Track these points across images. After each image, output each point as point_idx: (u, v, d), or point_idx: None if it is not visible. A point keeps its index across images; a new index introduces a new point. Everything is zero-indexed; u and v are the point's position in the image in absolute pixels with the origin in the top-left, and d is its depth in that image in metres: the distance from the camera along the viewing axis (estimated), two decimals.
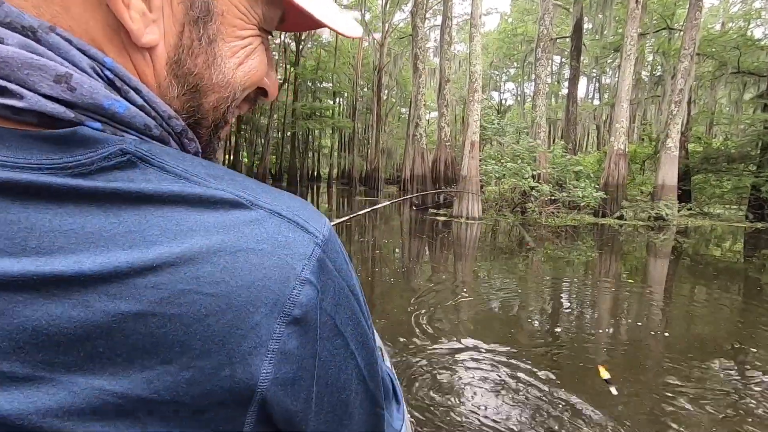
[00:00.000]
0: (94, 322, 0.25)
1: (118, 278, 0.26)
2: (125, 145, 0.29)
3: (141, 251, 0.27)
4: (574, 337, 3.65)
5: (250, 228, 0.30)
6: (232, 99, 0.39)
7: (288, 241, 0.31)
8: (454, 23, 21.20)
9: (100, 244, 0.27)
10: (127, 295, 0.26)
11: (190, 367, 0.27)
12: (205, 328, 0.27)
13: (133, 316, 0.26)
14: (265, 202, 0.32)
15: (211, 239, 0.28)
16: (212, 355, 0.27)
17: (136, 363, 0.26)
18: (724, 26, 21.40)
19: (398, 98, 40.36)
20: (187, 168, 0.31)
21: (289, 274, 0.30)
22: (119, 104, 0.30)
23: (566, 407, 2.48)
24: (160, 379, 0.26)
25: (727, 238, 11.35)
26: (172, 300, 0.27)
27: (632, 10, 13.71)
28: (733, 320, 4.30)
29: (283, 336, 0.29)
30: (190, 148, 0.37)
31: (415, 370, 2.88)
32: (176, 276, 0.27)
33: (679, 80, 13.85)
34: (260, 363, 0.28)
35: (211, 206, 0.30)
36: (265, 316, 0.29)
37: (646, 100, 21.98)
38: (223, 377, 0.28)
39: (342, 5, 31.79)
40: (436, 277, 5.71)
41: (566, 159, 14.39)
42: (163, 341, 0.26)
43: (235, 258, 0.28)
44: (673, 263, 7.43)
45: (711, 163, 16.61)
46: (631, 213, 13.52)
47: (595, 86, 38.24)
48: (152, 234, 0.28)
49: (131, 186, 0.28)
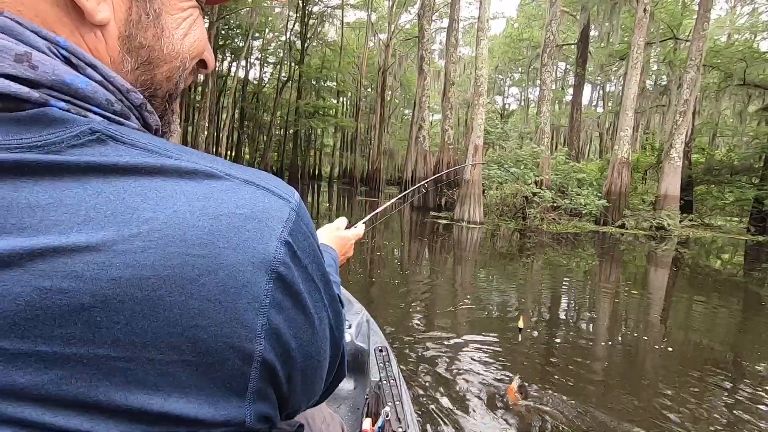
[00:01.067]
0: (88, 292, 0.26)
1: (106, 246, 0.27)
2: (93, 124, 0.30)
3: (125, 218, 0.28)
4: (570, 353, 3.61)
5: (228, 195, 0.31)
6: (183, 68, 0.40)
7: (266, 206, 0.33)
8: (460, 26, 21.13)
9: (82, 215, 0.27)
10: (118, 263, 0.26)
11: (192, 327, 0.28)
12: (200, 288, 0.28)
13: (127, 281, 0.26)
14: (237, 173, 0.33)
15: (193, 205, 0.30)
16: (210, 313, 0.28)
17: (137, 328, 0.26)
18: (731, 38, 21.36)
19: (402, 99, 40.33)
20: (158, 144, 0.32)
21: (272, 235, 0.32)
22: (81, 80, 0.31)
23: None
24: (165, 341, 0.27)
25: (728, 250, 11.32)
26: (164, 262, 0.27)
27: (640, 18, 13.68)
28: (734, 333, 4.25)
29: (272, 291, 0.31)
30: (150, 121, 0.38)
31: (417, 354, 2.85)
32: (164, 240, 0.28)
33: (685, 90, 13.82)
34: (256, 317, 0.30)
35: (187, 176, 0.31)
36: (255, 274, 0.30)
37: (650, 109, 21.94)
38: (225, 334, 0.29)
39: (348, 5, 31.78)
40: (436, 280, 5.66)
41: (569, 166, 14.36)
42: (160, 304, 0.27)
43: (219, 221, 0.30)
44: (674, 274, 7.39)
45: (714, 174, 16.58)
46: (633, 222, 13.48)
47: (598, 94, 38.22)
48: (134, 202, 0.28)
49: (105, 159, 0.29)
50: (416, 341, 3.48)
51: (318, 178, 42.80)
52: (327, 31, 35.05)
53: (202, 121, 21.83)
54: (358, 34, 35.39)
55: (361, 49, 32.63)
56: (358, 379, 1.68)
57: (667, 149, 14.27)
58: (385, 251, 7.75)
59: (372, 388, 1.42)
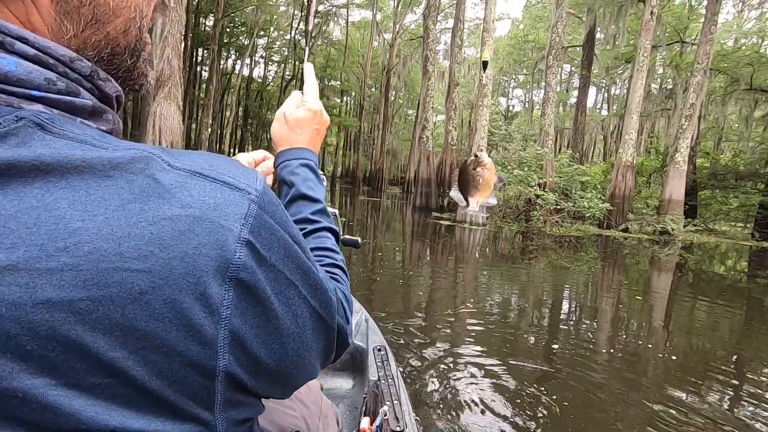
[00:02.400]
0: (12, 318, 0.22)
1: (29, 264, 0.23)
2: (21, 112, 0.26)
3: (49, 229, 0.24)
4: (570, 357, 3.56)
5: (172, 192, 0.27)
6: (141, 17, 0.35)
7: (218, 202, 0.28)
8: (465, 27, 21.11)
9: (1, 226, 0.23)
10: (44, 283, 0.23)
11: (140, 349, 0.25)
12: (144, 307, 0.24)
13: (56, 305, 0.23)
14: (182, 163, 0.29)
15: (128, 209, 0.25)
16: (160, 333, 0.25)
17: (75, 354, 0.23)
18: (738, 42, 21.25)
19: (405, 100, 40.31)
20: (93, 135, 0.28)
21: (227, 237, 0.28)
22: (7, 61, 0.26)
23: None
24: (110, 366, 0.24)
25: (732, 256, 11.23)
26: (98, 281, 0.24)
27: (646, 21, 13.61)
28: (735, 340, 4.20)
29: (233, 300, 0.28)
30: (108, 89, 0.33)
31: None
32: (96, 255, 0.24)
33: (691, 94, 13.74)
34: (216, 332, 0.27)
35: (123, 170, 0.27)
36: (209, 285, 0.27)
37: (655, 112, 21.86)
38: (179, 353, 0.26)
39: (354, 4, 31.79)
40: (437, 281, 5.62)
41: (573, 168, 14.30)
42: (98, 327, 0.23)
43: (160, 228, 0.26)
44: (678, 279, 7.33)
45: (718, 179, 16.48)
46: (637, 226, 13.41)
47: (603, 96, 38.11)
48: (60, 207, 0.24)
49: (27, 154, 0.25)
50: (416, 341, 3.45)
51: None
52: (332, 30, 35.11)
53: (205, 118, 21.90)
54: (362, 34, 35.37)
55: (365, 49, 32.61)
56: (356, 378, 1.66)
57: (672, 153, 14.19)
58: (386, 252, 7.72)
59: (370, 387, 1.39)
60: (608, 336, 4.05)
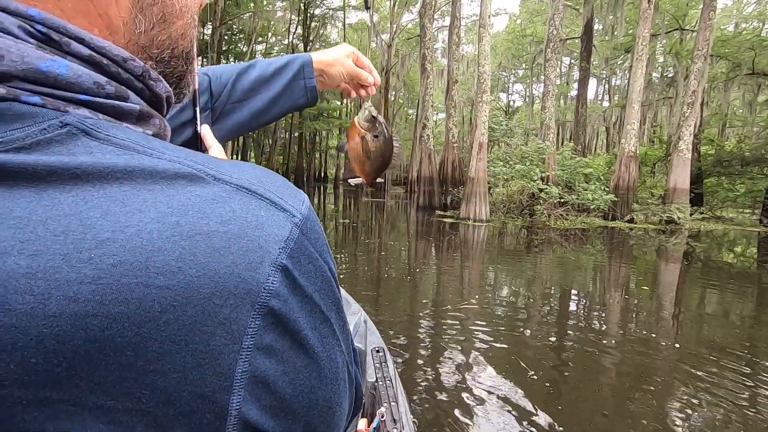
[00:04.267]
0: (21, 329, 0.21)
1: (48, 274, 0.22)
2: (66, 117, 0.26)
3: (76, 238, 0.23)
4: (579, 345, 3.54)
5: (212, 207, 0.26)
6: (194, 23, 0.36)
7: (260, 221, 0.27)
8: (462, 24, 21.08)
9: (29, 231, 0.23)
10: (59, 296, 0.22)
11: (149, 372, 0.23)
12: (161, 327, 0.23)
13: (68, 320, 0.22)
14: (230, 176, 0.28)
15: (163, 221, 0.24)
16: (174, 357, 0.23)
17: (81, 371, 0.22)
18: (738, 27, 21.05)
19: (406, 99, 40.31)
20: (139, 140, 0.27)
21: (263, 259, 0.26)
22: (58, 64, 0.26)
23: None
24: (116, 387, 0.23)
25: (740, 242, 11.12)
26: (117, 297, 0.23)
27: (644, 10, 13.52)
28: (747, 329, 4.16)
29: (260, 330, 0.25)
30: (159, 89, 0.33)
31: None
32: (120, 268, 0.23)
33: (692, 82, 13.62)
34: (234, 363, 0.25)
35: (164, 181, 0.26)
36: (236, 309, 0.25)
37: (657, 101, 21.69)
38: (191, 382, 0.24)
39: (350, 6, 31.84)
40: (441, 277, 5.61)
41: (575, 161, 14.23)
42: (109, 345, 0.22)
43: (194, 243, 0.24)
44: (685, 268, 7.26)
45: (724, 166, 16.33)
46: (642, 216, 13.32)
47: (604, 88, 37.90)
48: (92, 217, 0.24)
49: (68, 161, 0.24)
50: (416, 341, 3.44)
51: (324, 180, 42.96)
52: (329, 33, 35.17)
53: None
54: (360, 35, 35.42)
55: (363, 50, 32.65)
56: None
57: (675, 141, 14.08)
58: (392, 250, 7.72)
59: (368, 389, 1.39)
60: (617, 327, 4.02)
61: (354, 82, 0.84)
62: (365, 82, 0.83)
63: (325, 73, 0.81)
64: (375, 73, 0.84)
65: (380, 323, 3.58)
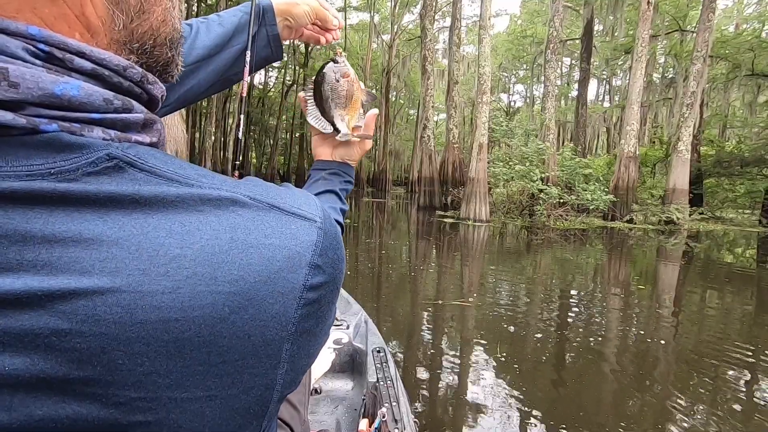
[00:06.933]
0: (111, 335, 0.24)
1: (132, 288, 0.25)
2: (111, 149, 0.28)
3: (151, 255, 0.26)
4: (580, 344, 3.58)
5: (255, 224, 0.30)
6: (173, 6, 0.36)
7: (293, 232, 0.32)
8: (463, 25, 21.10)
9: (104, 252, 0.25)
10: (145, 305, 0.25)
11: (220, 363, 0.27)
12: (230, 326, 0.27)
13: (153, 325, 0.25)
14: (262, 197, 0.32)
15: (220, 238, 0.28)
16: (239, 348, 0.28)
17: (161, 369, 0.25)
18: (738, 28, 21.05)
19: (406, 100, 40.31)
20: (177, 170, 0.30)
21: (302, 262, 0.31)
22: (71, 86, 0.27)
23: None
24: (190, 380, 0.26)
25: (740, 243, 11.15)
26: (194, 303, 0.26)
27: (644, 11, 13.54)
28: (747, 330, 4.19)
29: (301, 318, 0.31)
30: (155, 92, 0.34)
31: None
32: (194, 279, 0.26)
33: (692, 82, 13.65)
34: (281, 346, 0.30)
35: (211, 205, 0.29)
36: (284, 305, 0.30)
37: (657, 102, 21.71)
38: (251, 365, 0.29)
39: (351, 6, 31.87)
40: (441, 276, 5.65)
41: (575, 162, 14.25)
42: (188, 344, 0.26)
43: (249, 254, 0.29)
44: (684, 268, 7.29)
45: (724, 166, 16.33)
46: (642, 217, 13.35)
47: (605, 88, 37.90)
48: (159, 236, 0.26)
49: (126, 189, 0.27)
50: (417, 341, 3.48)
51: None
52: None
53: (209, 126, 22.04)
54: (361, 36, 35.42)
55: (364, 51, 32.65)
56: (355, 380, 1.69)
57: (675, 142, 14.11)
58: (393, 250, 7.75)
59: (369, 389, 1.42)
60: (616, 326, 4.06)
61: (316, 27, 0.77)
62: (331, 24, 0.78)
63: (290, 15, 0.73)
64: (337, 14, 0.78)
65: (381, 323, 3.62)
